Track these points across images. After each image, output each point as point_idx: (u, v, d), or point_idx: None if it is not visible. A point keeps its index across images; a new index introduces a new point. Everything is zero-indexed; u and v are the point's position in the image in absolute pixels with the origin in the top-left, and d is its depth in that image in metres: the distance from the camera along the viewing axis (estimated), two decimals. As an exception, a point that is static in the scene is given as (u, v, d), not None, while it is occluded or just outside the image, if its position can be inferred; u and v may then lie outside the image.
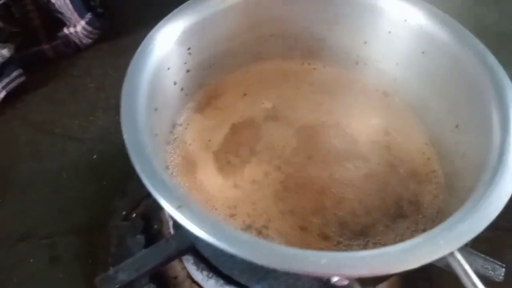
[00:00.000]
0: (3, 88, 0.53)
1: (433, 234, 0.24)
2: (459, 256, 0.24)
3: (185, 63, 0.37)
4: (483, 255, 0.37)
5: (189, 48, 0.37)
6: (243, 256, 0.22)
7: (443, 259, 0.24)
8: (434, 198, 0.34)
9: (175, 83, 0.37)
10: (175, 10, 0.35)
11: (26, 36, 0.57)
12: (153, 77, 0.32)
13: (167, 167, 0.35)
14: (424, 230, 0.33)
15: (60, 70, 0.58)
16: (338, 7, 0.39)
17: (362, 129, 0.40)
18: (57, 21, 0.58)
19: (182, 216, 0.24)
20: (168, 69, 0.35)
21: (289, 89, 0.43)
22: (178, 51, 0.35)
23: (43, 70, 0.57)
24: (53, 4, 0.57)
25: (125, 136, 0.27)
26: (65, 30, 0.58)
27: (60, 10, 0.57)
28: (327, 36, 0.42)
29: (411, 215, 0.34)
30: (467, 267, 0.24)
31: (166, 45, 0.34)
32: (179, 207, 0.24)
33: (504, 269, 0.36)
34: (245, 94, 0.42)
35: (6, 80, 0.53)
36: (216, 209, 0.33)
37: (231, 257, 0.24)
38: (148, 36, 0.33)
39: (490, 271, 0.37)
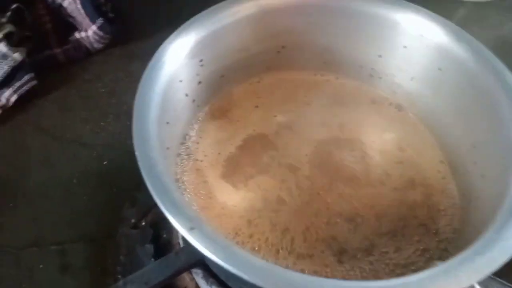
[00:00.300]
0: (15, 92, 0.54)
1: (452, 265, 0.23)
2: (477, 288, 0.23)
3: (197, 74, 0.37)
4: (499, 280, 0.36)
5: (201, 60, 0.36)
6: (256, 283, 0.22)
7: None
8: (449, 219, 0.33)
9: (186, 95, 0.37)
10: (187, 23, 0.35)
11: (37, 40, 0.57)
12: (165, 90, 0.32)
13: (177, 180, 0.35)
14: (438, 251, 0.33)
15: (71, 74, 0.58)
16: (353, 19, 0.39)
17: (375, 144, 0.39)
18: (68, 25, 0.58)
19: (194, 239, 0.23)
20: (180, 81, 0.35)
21: (301, 101, 0.42)
22: (190, 63, 0.35)
23: (55, 74, 0.57)
24: (65, 8, 0.57)
25: (137, 153, 0.27)
26: (76, 35, 0.58)
27: (71, 14, 0.57)
28: (341, 48, 0.41)
29: (424, 236, 0.34)
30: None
31: (178, 58, 0.34)
32: (191, 229, 0.24)
33: (520, 295, 0.35)
34: (256, 106, 0.41)
35: (18, 83, 0.54)
36: (227, 227, 0.32)
37: (241, 278, 0.24)
38: (159, 49, 0.33)
39: (507, 297, 0.36)
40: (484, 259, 0.23)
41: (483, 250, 0.24)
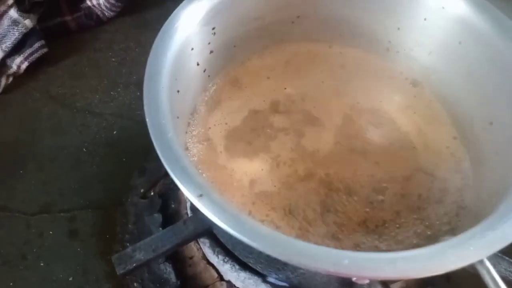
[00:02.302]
0: (25, 59, 0.53)
1: (463, 239, 0.23)
2: (488, 264, 0.23)
3: (209, 43, 0.36)
4: (507, 258, 0.36)
5: (213, 28, 0.35)
6: (264, 251, 0.22)
7: (472, 265, 0.23)
8: (460, 195, 0.33)
9: (198, 64, 0.36)
10: (201, -12, 0.34)
11: (48, 7, 0.56)
12: (177, 58, 0.31)
13: (187, 148, 0.35)
14: (448, 225, 0.32)
15: (82, 43, 0.57)
16: (371, -11, 0.37)
17: (388, 117, 0.39)
18: (80, -8, 0.58)
19: (203, 206, 0.23)
20: (192, 49, 0.34)
21: (314, 73, 0.41)
22: (203, 31, 0.34)
23: (65, 42, 0.57)
24: (77, -26, 0.56)
25: (148, 120, 0.26)
26: (88, 2, 0.57)
27: (83, -19, 0.56)
28: (358, 20, 0.40)
29: (434, 207, 0.33)
30: (496, 276, 0.23)
31: (190, 25, 0.33)
32: (200, 196, 0.24)
33: (528, 273, 0.35)
34: (268, 78, 0.40)
35: (29, 50, 0.53)
36: (234, 196, 0.32)
37: (249, 245, 0.24)
38: (172, 15, 0.32)
39: (513, 274, 0.36)
40: (496, 234, 0.23)
41: (494, 226, 0.23)
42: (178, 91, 0.32)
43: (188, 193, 0.24)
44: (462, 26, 0.34)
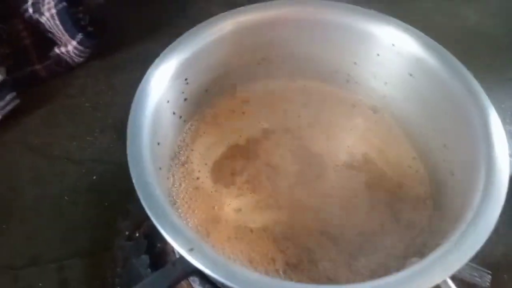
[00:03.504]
0: (-1, 112, 0.54)
1: (428, 263, 0.26)
2: (450, 283, 0.26)
3: (182, 92, 0.38)
4: (470, 263, 0.39)
5: (186, 79, 0.38)
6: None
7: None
8: (422, 213, 0.36)
9: (174, 113, 0.38)
10: (169, 46, 0.36)
11: (17, 57, 0.57)
12: (155, 113, 0.34)
13: (170, 195, 0.37)
14: (414, 245, 0.35)
15: (54, 90, 0.58)
16: (328, 31, 0.41)
17: (354, 144, 0.42)
18: (47, 40, 0.59)
19: (194, 260, 0.25)
20: (168, 102, 0.36)
21: (282, 108, 0.44)
22: (176, 83, 0.37)
23: (37, 91, 0.58)
24: (43, 24, 0.57)
25: (134, 180, 0.28)
26: (56, 50, 0.58)
27: (50, 30, 0.57)
28: (318, 57, 0.43)
29: (398, 230, 0.36)
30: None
31: (164, 81, 0.35)
32: (190, 250, 0.26)
33: (490, 276, 0.39)
34: (243, 113, 0.43)
35: (1, 104, 0.54)
36: (224, 234, 0.34)
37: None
38: (146, 75, 0.34)
39: (477, 278, 0.39)
40: (455, 255, 0.26)
41: (454, 247, 0.26)
42: (158, 143, 0.34)
43: (179, 248, 0.26)
44: (411, 60, 0.38)
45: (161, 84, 0.35)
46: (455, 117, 0.35)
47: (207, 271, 0.25)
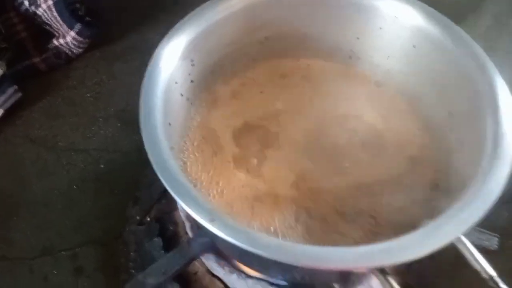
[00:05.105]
0: (1, 106, 0.54)
1: (440, 222, 0.27)
2: (464, 239, 0.27)
3: (189, 74, 0.39)
4: (478, 228, 0.41)
5: (192, 60, 0.38)
6: (276, 259, 0.25)
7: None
8: (430, 180, 0.37)
9: (182, 95, 0.38)
10: (176, 25, 0.36)
11: (15, 51, 0.57)
12: (165, 94, 0.34)
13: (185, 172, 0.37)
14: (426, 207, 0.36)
15: (54, 82, 0.58)
16: (329, 7, 0.41)
17: (361, 117, 0.42)
18: (45, 33, 0.58)
19: (216, 229, 0.26)
20: (176, 83, 0.36)
21: (287, 87, 0.45)
22: (183, 64, 0.37)
23: (37, 84, 0.58)
24: (40, 16, 0.57)
25: (151, 159, 0.28)
26: (55, 42, 0.58)
27: (47, 22, 0.57)
28: (321, 35, 0.43)
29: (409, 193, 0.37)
30: (473, 249, 0.27)
31: (172, 61, 0.35)
32: (212, 221, 0.26)
33: (497, 239, 0.40)
34: (249, 94, 0.43)
35: (3, 98, 0.54)
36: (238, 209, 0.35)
37: (257, 257, 0.27)
38: (154, 55, 0.34)
39: (485, 242, 0.41)
40: (466, 214, 0.27)
41: (465, 206, 0.27)
42: (169, 124, 0.34)
43: (201, 220, 0.26)
44: (414, 32, 0.39)
45: (170, 64, 0.35)
46: (460, 84, 0.36)
47: (229, 239, 0.25)
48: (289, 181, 0.37)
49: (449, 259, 0.41)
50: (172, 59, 0.35)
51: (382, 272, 0.26)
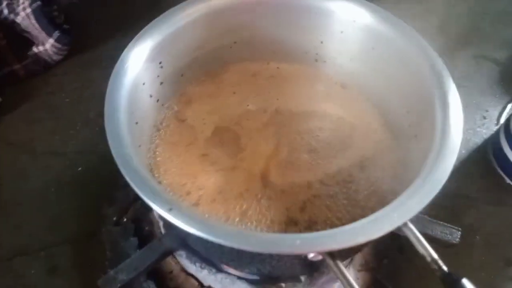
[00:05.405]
0: (-20, 111, 0.55)
1: (389, 209, 0.28)
2: (411, 226, 0.28)
3: (158, 76, 0.40)
4: (441, 222, 0.42)
5: (160, 62, 0.40)
6: (234, 246, 0.26)
7: (399, 229, 0.28)
8: (390, 172, 0.39)
9: (151, 96, 0.40)
10: (144, 29, 0.38)
11: (-5, 58, 0.58)
12: (130, 94, 0.35)
13: (151, 170, 0.39)
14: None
15: (33, 89, 0.59)
16: (293, 12, 0.43)
17: (327, 117, 0.44)
18: (24, 40, 0.60)
19: (174, 218, 0.27)
20: (143, 84, 0.38)
21: (257, 87, 0.46)
22: (151, 66, 0.38)
23: (17, 90, 0.59)
24: (19, 24, 0.58)
25: (113, 151, 0.30)
26: (35, 49, 0.59)
27: (26, 29, 0.58)
28: (287, 38, 0.45)
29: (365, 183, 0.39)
30: (418, 234, 0.28)
31: (138, 63, 0.37)
32: (170, 210, 0.28)
33: (460, 233, 0.41)
34: (219, 96, 0.45)
35: (-18, 103, 0.55)
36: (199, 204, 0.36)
37: (220, 247, 0.28)
38: (121, 57, 0.36)
39: (448, 235, 0.42)
40: (413, 202, 0.28)
41: (411, 195, 0.29)
42: (136, 123, 0.36)
43: (158, 209, 0.28)
44: (371, 34, 0.41)
45: (136, 65, 0.36)
46: (414, 82, 0.38)
47: (186, 227, 0.27)
48: (258, 176, 0.39)
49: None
50: (138, 61, 0.37)
51: (332, 256, 0.28)
